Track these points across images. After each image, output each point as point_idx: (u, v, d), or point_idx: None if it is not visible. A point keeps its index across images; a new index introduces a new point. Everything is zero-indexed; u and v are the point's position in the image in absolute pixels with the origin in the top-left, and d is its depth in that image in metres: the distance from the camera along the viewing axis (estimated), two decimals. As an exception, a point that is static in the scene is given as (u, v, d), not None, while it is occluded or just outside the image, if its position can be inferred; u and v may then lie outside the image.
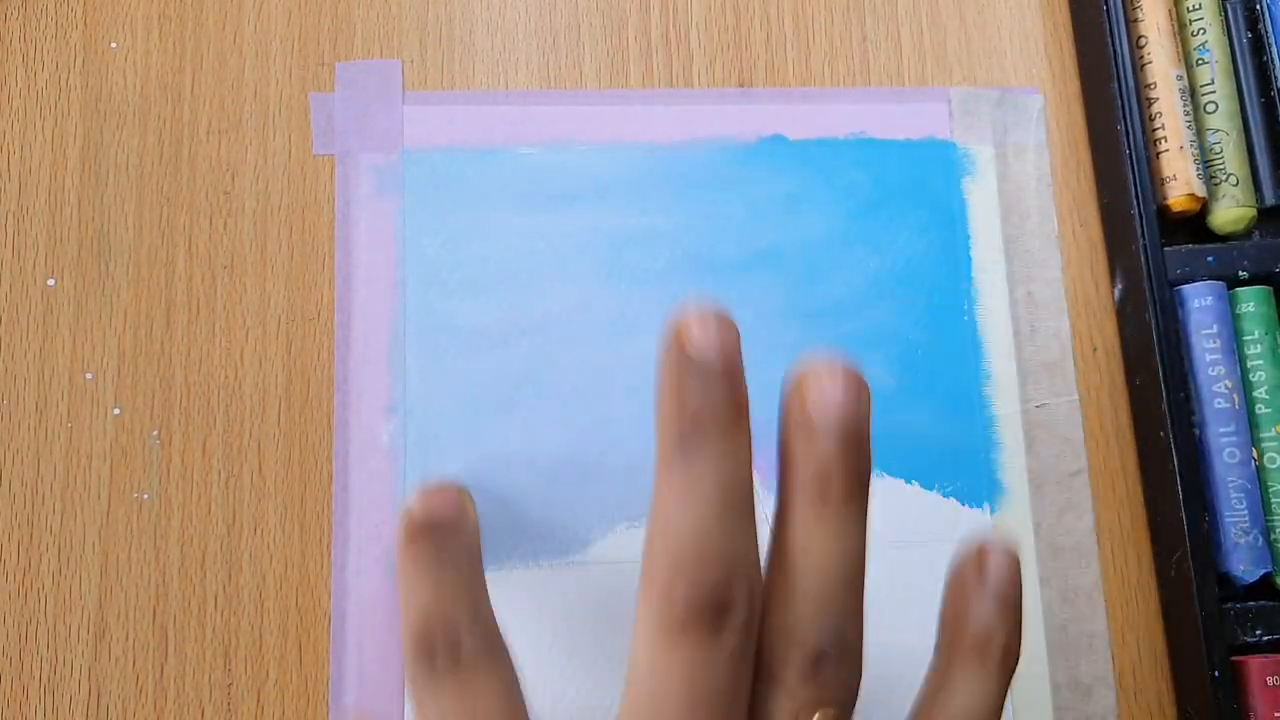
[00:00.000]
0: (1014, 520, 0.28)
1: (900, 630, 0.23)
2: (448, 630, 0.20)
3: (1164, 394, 0.28)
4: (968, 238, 0.30)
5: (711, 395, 0.17)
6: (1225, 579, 0.27)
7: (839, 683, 0.18)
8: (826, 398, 0.17)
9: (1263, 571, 0.27)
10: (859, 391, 0.18)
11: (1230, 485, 0.27)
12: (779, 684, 0.18)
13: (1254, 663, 0.26)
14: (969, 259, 0.30)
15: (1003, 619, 0.19)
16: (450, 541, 0.21)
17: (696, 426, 0.17)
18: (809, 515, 0.18)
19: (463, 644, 0.20)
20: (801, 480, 0.18)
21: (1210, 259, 0.29)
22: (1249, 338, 0.28)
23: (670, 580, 0.17)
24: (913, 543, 0.28)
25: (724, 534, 0.17)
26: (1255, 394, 0.28)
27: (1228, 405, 0.28)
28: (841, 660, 0.18)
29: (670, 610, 0.17)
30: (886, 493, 0.28)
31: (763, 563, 0.18)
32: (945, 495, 0.28)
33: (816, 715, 0.17)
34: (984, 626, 0.19)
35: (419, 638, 0.20)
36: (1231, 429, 0.28)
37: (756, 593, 0.17)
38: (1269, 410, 0.28)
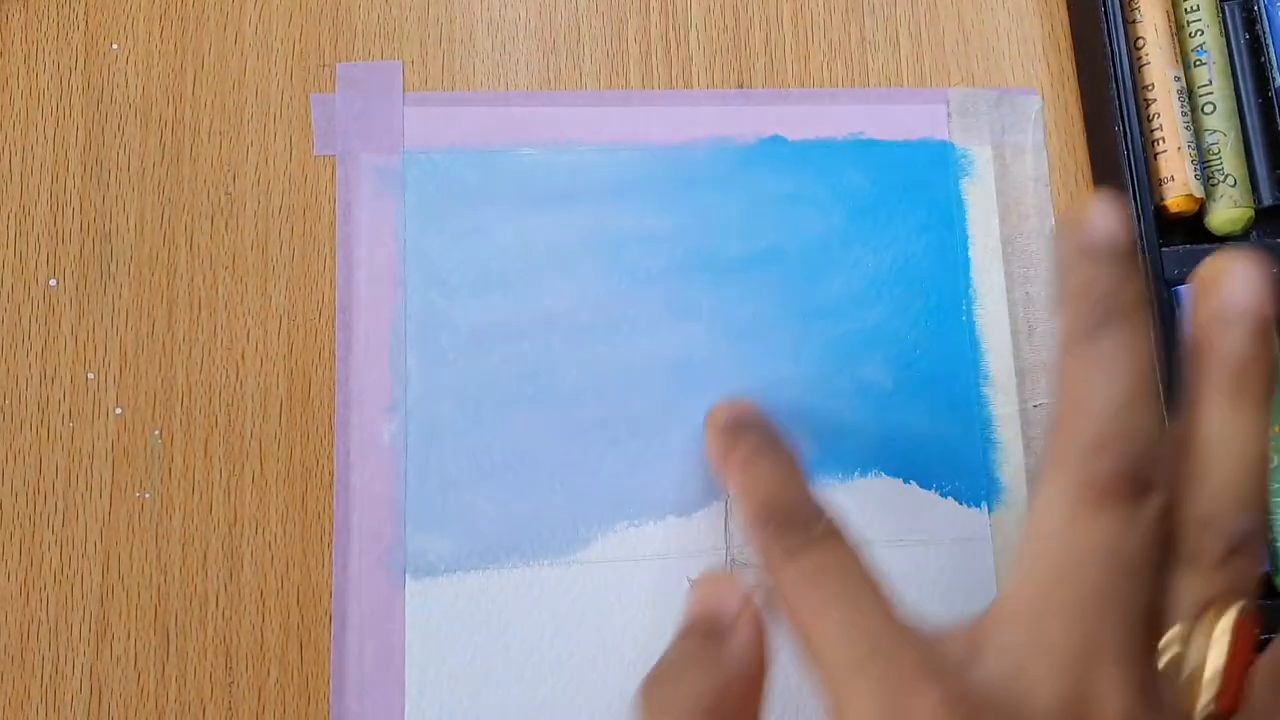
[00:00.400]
0: (1012, 519, 0.28)
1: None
2: (795, 503, 0.21)
3: (1161, 394, 0.28)
4: (966, 238, 0.30)
5: (1120, 280, 0.18)
6: (1223, 578, 0.27)
7: (1249, 574, 0.18)
8: (1243, 294, 0.18)
9: (1263, 571, 0.27)
10: (1273, 293, 0.18)
11: (1228, 484, 0.27)
12: (1192, 569, 0.18)
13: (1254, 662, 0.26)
14: (967, 259, 0.30)
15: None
16: (766, 432, 0.23)
17: (1109, 310, 0.18)
18: (1225, 406, 0.18)
19: (813, 518, 0.20)
20: (1218, 372, 0.18)
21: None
22: (1246, 337, 0.28)
23: (1093, 452, 0.17)
24: (911, 542, 0.28)
25: (1142, 412, 0.18)
26: (1252, 393, 0.28)
27: (1225, 405, 0.28)
28: (1254, 553, 0.18)
29: (1093, 481, 0.17)
30: (884, 492, 0.28)
31: None
32: (943, 495, 0.28)
33: (1233, 609, 0.17)
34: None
35: (771, 518, 0.20)
36: (1229, 428, 0.28)
37: (1171, 474, 0.18)
38: (1266, 410, 0.28)
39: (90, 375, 0.28)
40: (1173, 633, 0.17)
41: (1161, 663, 0.17)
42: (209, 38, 0.30)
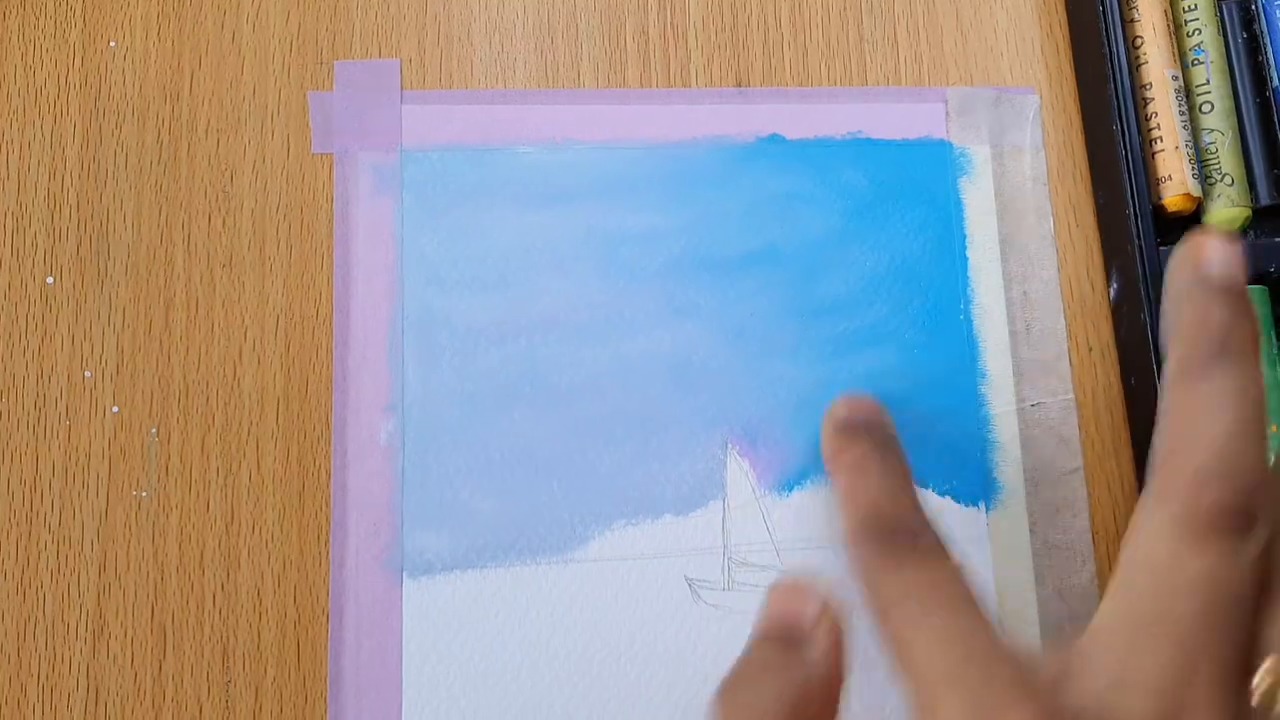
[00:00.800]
0: (1009, 519, 0.28)
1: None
2: (902, 514, 0.21)
3: (1160, 393, 0.28)
4: (964, 237, 0.30)
5: (1235, 316, 0.19)
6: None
7: None
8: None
9: None
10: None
11: (1225, 484, 0.27)
12: None
13: (1248, 660, 0.26)
14: (965, 258, 0.30)
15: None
16: (882, 437, 0.23)
17: (1224, 346, 0.18)
18: None
19: (919, 532, 0.20)
20: None
21: (1205, 258, 0.29)
22: (1244, 337, 0.28)
23: (1200, 484, 0.18)
24: (909, 541, 0.28)
25: (1250, 448, 0.18)
26: (1250, 393, 0.28)
27: (1222, 404, 0.28)
28: None
29: (1198, 513, 0.17)
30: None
31: None
32: (941, 494, 0.28)
33: None
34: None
35: (876, 528, 0.20)
36: (1226, 428, 0.28)
37: (1274, 510, 0.18)
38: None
39: (87, 373, 0.28)
40: (1267, 665, 0.17)
41: (1255, 698, 0.17)
42: (207, 35, 0.30)
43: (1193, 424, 0.18)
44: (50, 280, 0.28)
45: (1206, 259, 0.19)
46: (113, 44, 0.30)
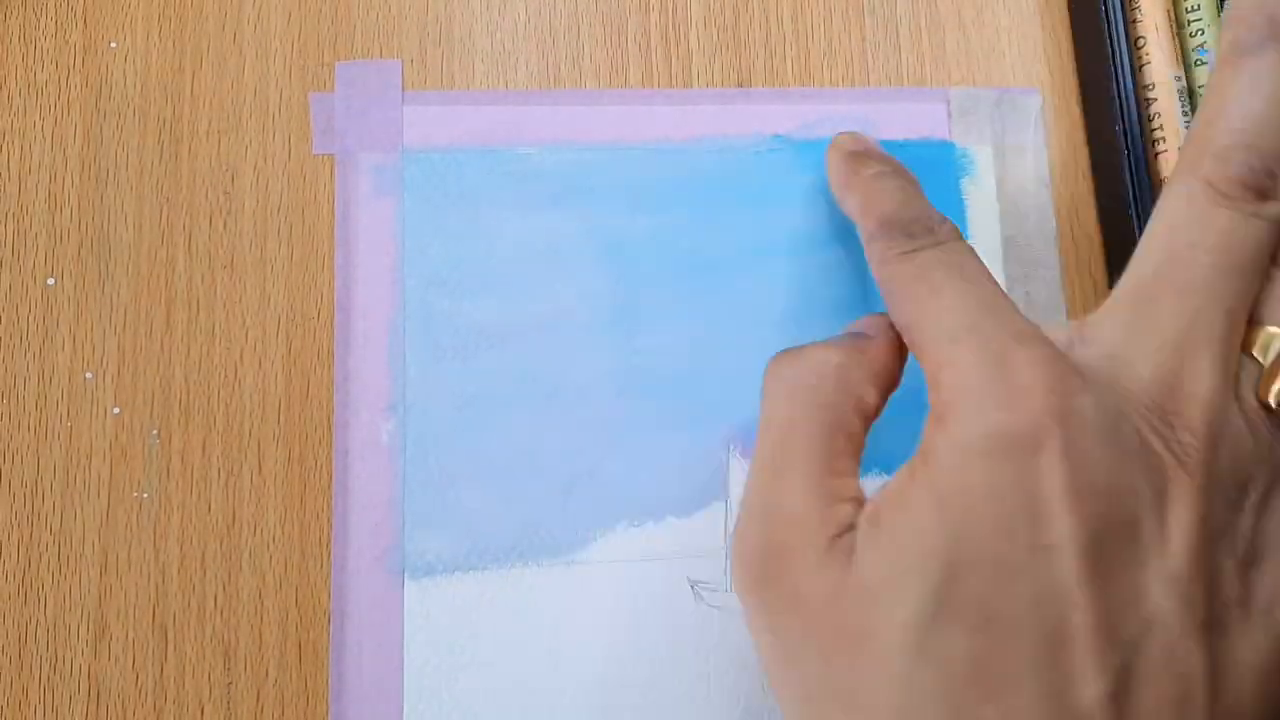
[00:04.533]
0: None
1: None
2: (918, 212, 0.22)
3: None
4: (966, 238, 0.30)
5: (1259, 2, 0.19)
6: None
7: None
8: None
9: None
10: None
11: (1228, 485, 0.27)
12: None
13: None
14: (968, 259, 0.30)
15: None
16: (890, 159, 0.24)
17: (1269, 31, 0.19)
18: None
19: (934, 221, 0.22)
20: None
21: (1208, 259, 0.29)
22: (1247, 338, 0.28)
23: (1222, 155, 0.19)
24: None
25: (1276, 128, 0.19)
26: (1253, 394, 0.28)
27: (1225, 405, 0.28)
28: None
29: (1225, 174, 0.18)
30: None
31: None
32: (944, 495, 0.28)
33: None
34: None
35: (894, 225, 0.21)
36: (1229, 429, 0.28)
37: None
38: (1267, 410, 0.28)
39: (88, 375, 0.28)
40: (1268, 331, 0.18)
41: (1252, 355, 0.18)
42: (208, 36, 0.30)
43: (1223, 101, 0.19)
44: (51, 281, 0.28)
45: None
46: (114, 44, 0.29)
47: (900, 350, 0.21)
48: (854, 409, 0.20)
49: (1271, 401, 0.18)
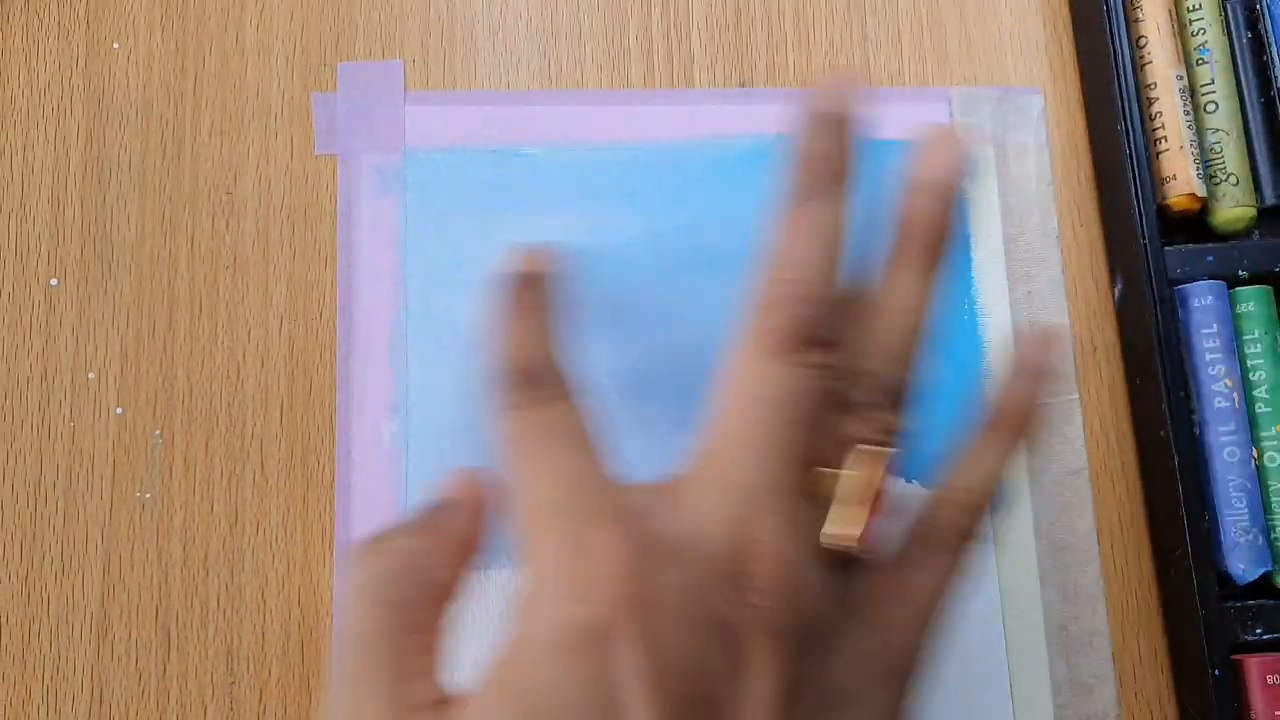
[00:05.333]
0: (1014, 519, 0.28)
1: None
2: (533, 368, 0.21)
3: (1164, 393, 0.28)
4: (968, 237, 0.30)
5: (831, 151, 0.20)
6: (1225, 578, 0.27)
7: (894, 425, 0.20)
8: (940, 167, 0.21)
9: (1263, 570, 0.27)
10: (949, 161, 0.21)
11: (1230, 484, 0.27)
12: (854, 418, 0.19)
13: (1254, 661, 0.26)
14: (969, 258, 0.30)
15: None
16: (535, 289, 0.23)
17: (817, 178, 0.20)
18: (905, 272, 0.20)
19: (547, 380, 0.21)
20: (906, 241, 0.21)
21: (1210, 259, 0.29)
22: (1249, 337, 0.28)
23: (785, 299, 0.19)
24: (913, 542, 0.28)
25: (829, 274, 0.19)
26: (1255, 393, 0.28)
27: (1228, 404, 0.28)
28: (899, 406, 0.20)
29: (772, 332, 0.19)
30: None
31: None
32: (946, 494, 0.28)
33: (869, 451, 0.19)
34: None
35: (507, 366, 0.21)
36: (1231, 428, 0.28)
37: (851, 333, 0.20)
38: (1269, 409, 0.28)
39: (91, 375, 0.28)
40: (828, 473, 0.18)
41: (815, 498, 0.18)
42: (210, 37, 0.30)
43: (783, 248, 0.20)
44: (54, 282, 0.28)
45: (819, 96, 0.21)
46: (116, 45, 0.30)
47: (481, 516, 0.20)
48: (428, 600, 0.19)
49: (824, 542, 0.18)
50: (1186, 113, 0.29)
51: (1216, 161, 0.29)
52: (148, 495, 0.27)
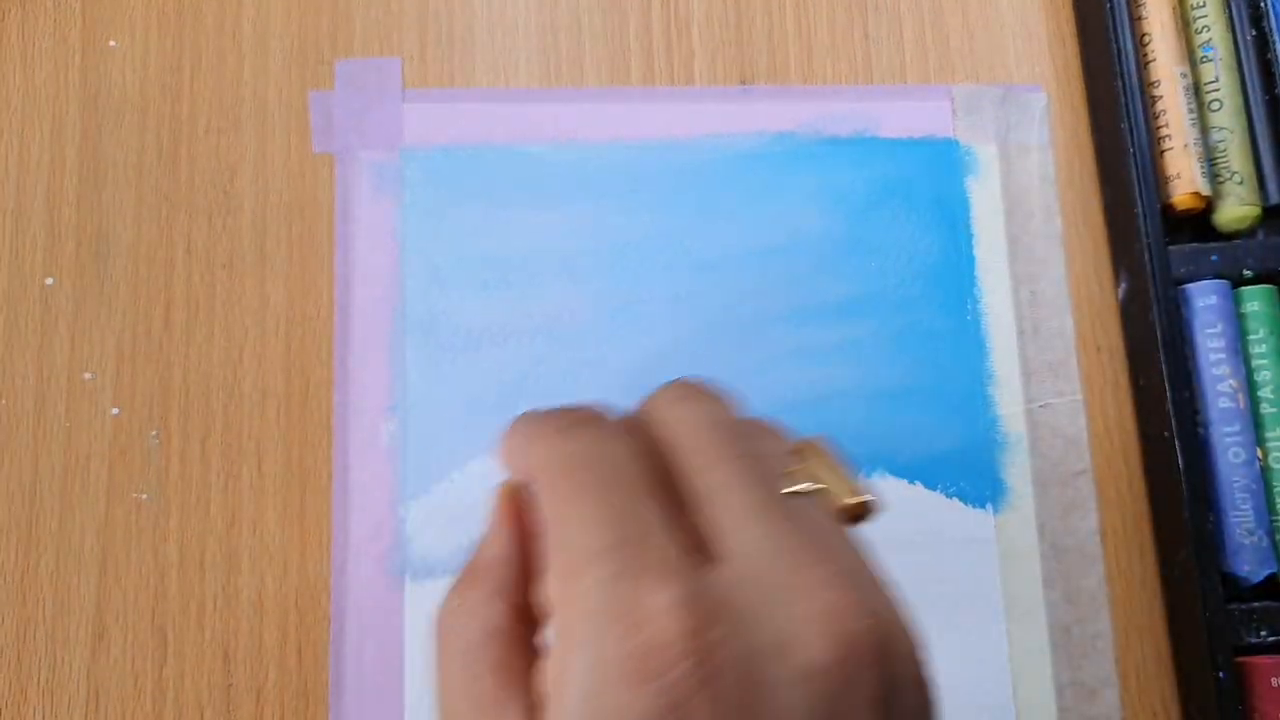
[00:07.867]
0: (1017, 520, 0.28)
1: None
2: (566, 410, 0.20)
3: (1168, 393, 0.27)
4: (971, 236, 0.30)
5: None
6: (1230, 579, 0.27)
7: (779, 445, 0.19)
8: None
9: (1268, 572, 0.27)
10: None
11: (1235, 485, 0.27)
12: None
13: (1259, 663, 0.26)
14: (972, 258, 0.30)
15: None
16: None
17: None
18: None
19: (603, 410, 0.20)
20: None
21: (1214, 258, 0.28)
22: (1254, 337, 0.28)
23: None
24: (916, 544, 0.28)
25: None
26: (1260, 393, 0.28)
27: (1232, 405, 0.28)
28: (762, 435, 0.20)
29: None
30: (889, 492, 0.28)
31: None
32: (948, 496, 0.28)
33: (808, 442, 0.19)
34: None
35: (535, 415, 0.20)
36: (1236, 429, 0.27)
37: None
38: (1274, 410, 0.28)
39: (87, 375, 0.27)
40: (798, 470, 0.18)
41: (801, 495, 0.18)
42: (207, 35, 0.30)
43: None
44: (50, 281, 0.28)
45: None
46: (113, 43, 0.29)
47: (524, 535, 0.20)
48: (520, 647, 0.19)
49: (842, 518, 0.19)
50: (1190, 111, 0.29)
51: (1221, 160, 0.29)
52: (144, 496, 0.27)
